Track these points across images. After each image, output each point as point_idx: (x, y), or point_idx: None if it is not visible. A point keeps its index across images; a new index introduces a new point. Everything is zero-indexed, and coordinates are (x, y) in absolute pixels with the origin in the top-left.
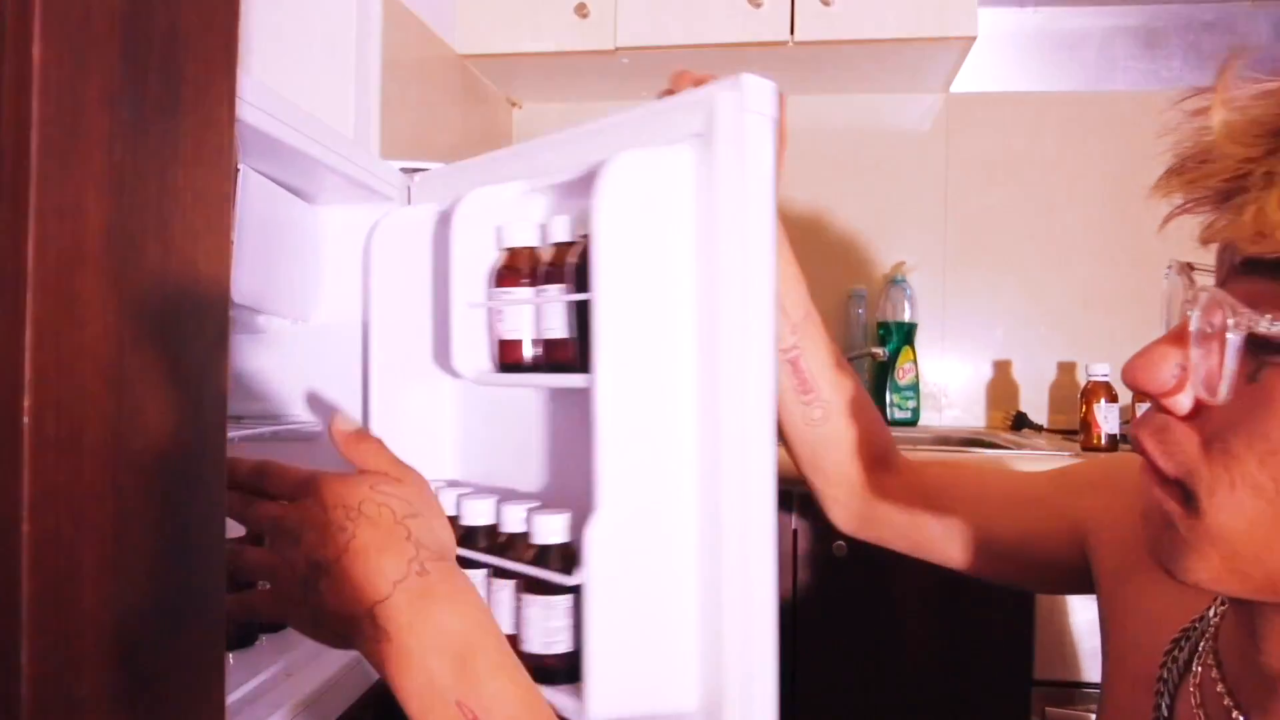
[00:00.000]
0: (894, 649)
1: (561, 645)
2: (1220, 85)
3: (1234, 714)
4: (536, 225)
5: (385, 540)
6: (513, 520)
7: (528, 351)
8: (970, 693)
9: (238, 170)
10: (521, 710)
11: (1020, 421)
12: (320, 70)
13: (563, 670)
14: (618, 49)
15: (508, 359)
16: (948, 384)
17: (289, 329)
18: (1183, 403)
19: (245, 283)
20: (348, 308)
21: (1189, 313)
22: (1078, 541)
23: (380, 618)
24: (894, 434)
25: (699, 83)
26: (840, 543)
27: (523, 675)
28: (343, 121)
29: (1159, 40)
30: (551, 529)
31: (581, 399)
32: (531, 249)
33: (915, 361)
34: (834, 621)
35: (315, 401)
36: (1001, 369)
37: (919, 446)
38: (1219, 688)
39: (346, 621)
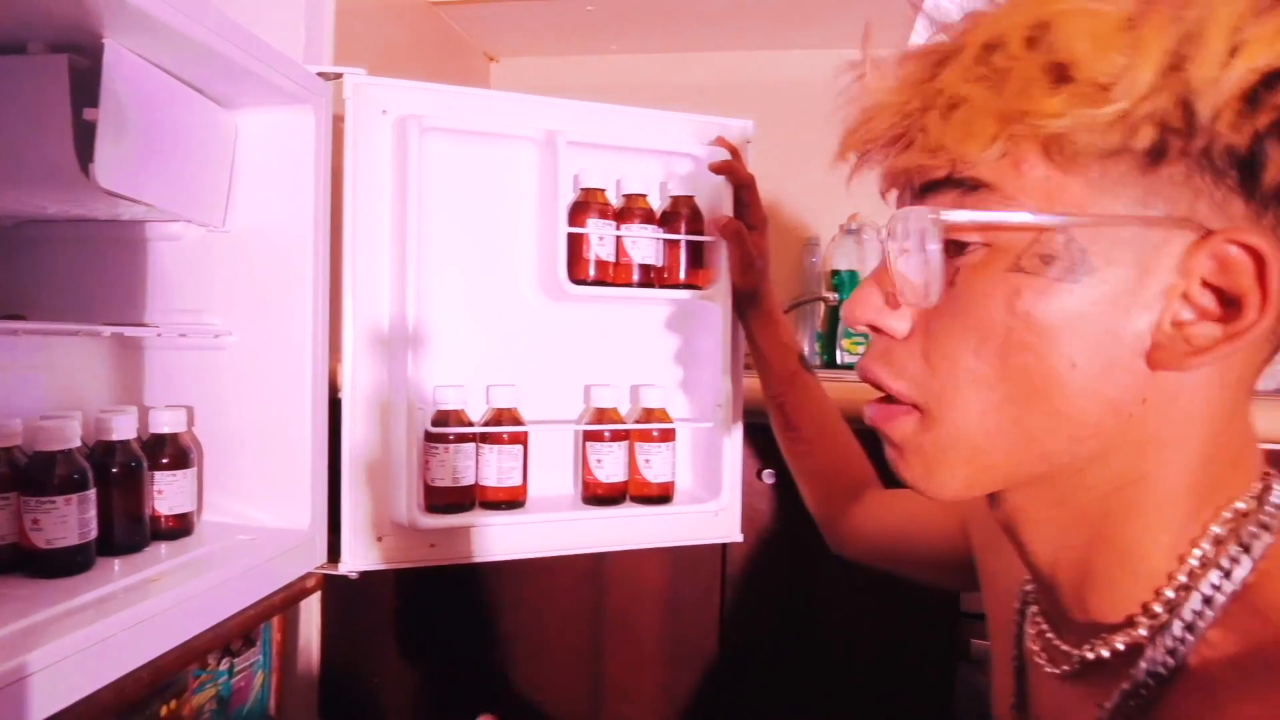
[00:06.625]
0: (819, 578)
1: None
2: (867, 55)
3: (1049, 637)
4: (614, 178)
5: None
6: (647, 398)
7: (636, 273)
8: (899, 624)
9: (101, 44)
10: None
11: None
12: (265, 15)
13: (670, 496)
14: None
15: (615, 278)
16: None
17: (206, 236)
18: (899, 325)
19: (111, 169)
20: (270, 215)
21: (886, 244)
22: (965, 533)
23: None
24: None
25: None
26: (769, 470)
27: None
28: None
29: None
30: (659, 397)
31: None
32: (603, 190)
33: None
34: (761, 549)
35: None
36: None
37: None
38: (1043, 625)
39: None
